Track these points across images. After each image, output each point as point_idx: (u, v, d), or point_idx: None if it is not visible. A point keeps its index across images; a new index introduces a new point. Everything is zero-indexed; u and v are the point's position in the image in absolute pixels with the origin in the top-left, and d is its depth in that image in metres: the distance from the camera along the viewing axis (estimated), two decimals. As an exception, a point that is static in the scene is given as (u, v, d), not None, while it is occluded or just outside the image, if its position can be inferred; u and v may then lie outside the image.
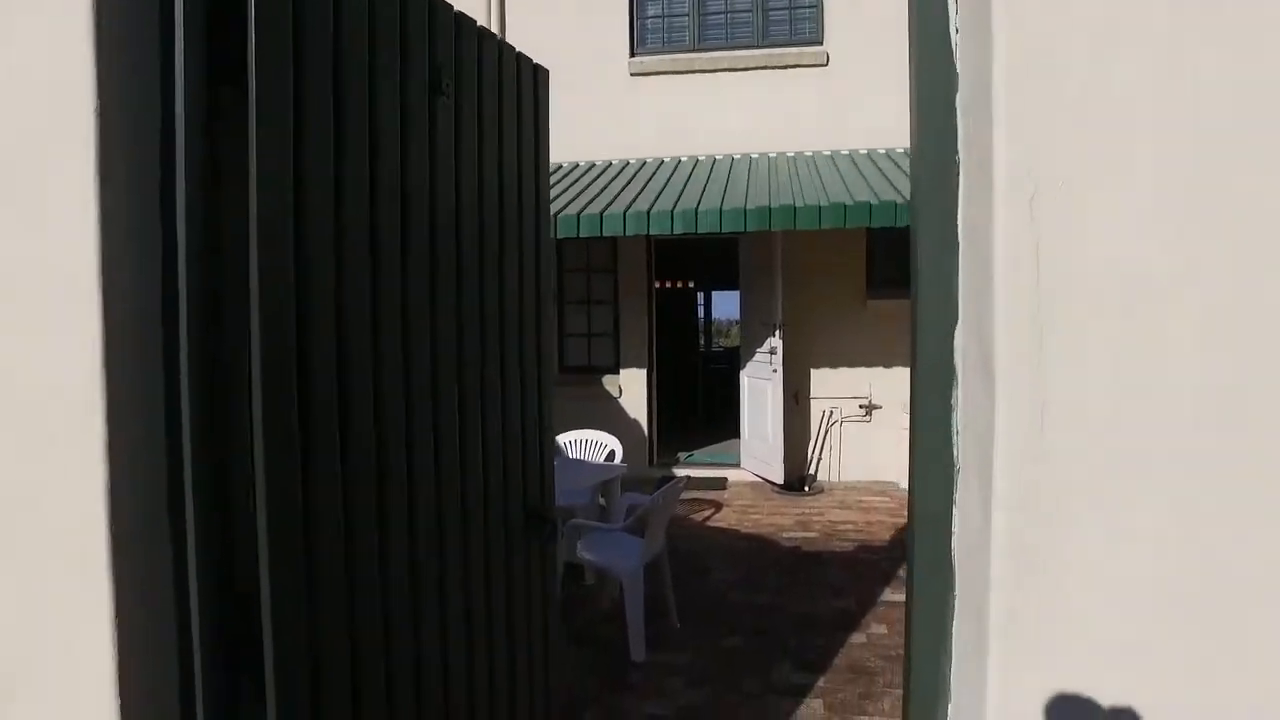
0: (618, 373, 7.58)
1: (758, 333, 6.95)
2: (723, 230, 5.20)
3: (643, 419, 7.50)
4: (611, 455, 5.02)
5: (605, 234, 5.30)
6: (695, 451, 8.14)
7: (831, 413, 7.13)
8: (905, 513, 1.11)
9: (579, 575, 4.31)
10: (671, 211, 5.26)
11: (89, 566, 1.04)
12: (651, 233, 5.27)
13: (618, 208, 5.37)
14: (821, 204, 5.12)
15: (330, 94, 1.28)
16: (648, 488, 6.72)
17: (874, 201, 5.09)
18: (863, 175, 5.77)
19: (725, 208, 5.22)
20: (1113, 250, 0.86)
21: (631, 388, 7.50)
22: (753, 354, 7.10)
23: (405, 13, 1.47)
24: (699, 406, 11.80)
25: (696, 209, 5.24)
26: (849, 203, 5.10)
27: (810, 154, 6.88)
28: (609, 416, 7.51)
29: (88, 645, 1.05)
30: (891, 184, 5.44)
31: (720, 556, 5.05)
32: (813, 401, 7.17)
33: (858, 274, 7.06)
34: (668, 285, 15.58)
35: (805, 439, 7.18)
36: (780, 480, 6.71)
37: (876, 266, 7.13)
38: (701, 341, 18.68)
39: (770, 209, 5.15)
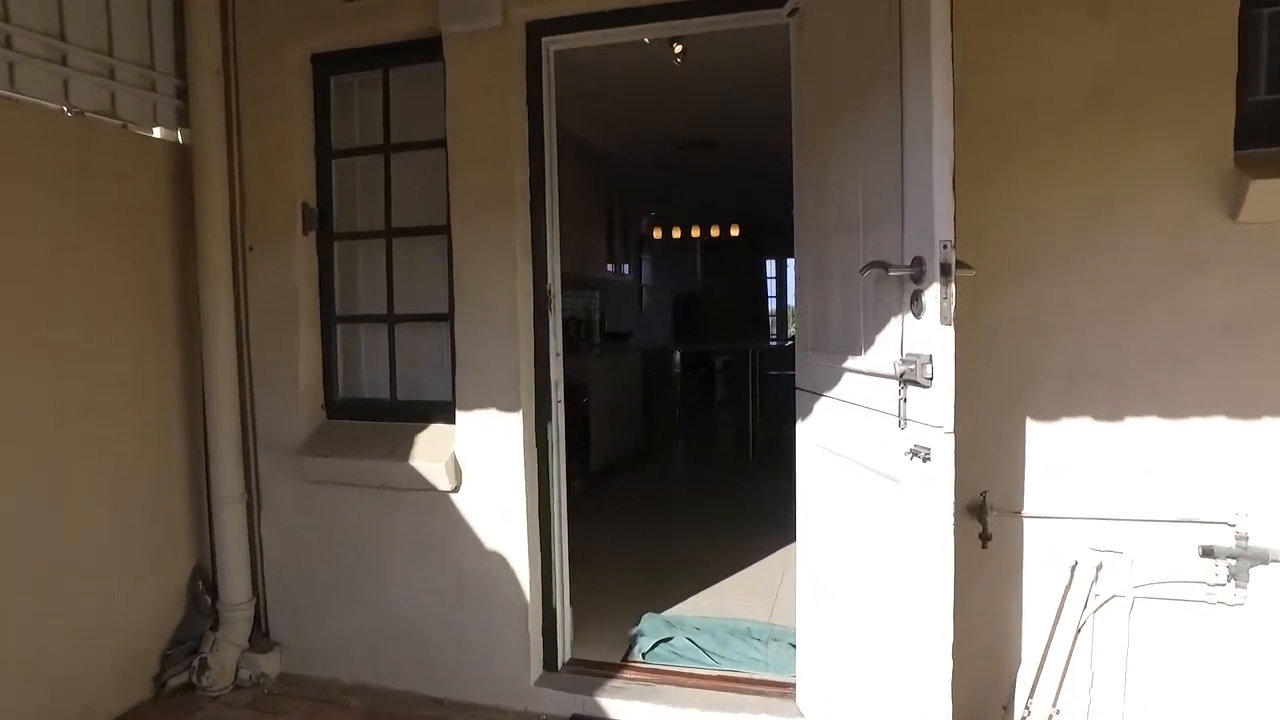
0: (452, 420, 2.78)
1: (839, 306, 2.04)
2: None
3: (516, 551, 2.69)
4: None
5: None
6: (694, 604, 3.25)
7: (1096, 573, 2.13)
8: None
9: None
10: None
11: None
12: None
13: None
14: None
15: None
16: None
17: None
18: None
19: None
20: None
21: (484, 464, 2.70)
22: (835, 373, 2.16)
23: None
24: (752, 447, 6.81)
25: None
26: None
27: None
28: (435, 542, 2.78)
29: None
30: None
31: None
32: (1027, 525, 2.19)
33: (1214, 76, 2.01)
34: (707, 234, 10.40)
35: (1005, 649, 2.22)
36: None
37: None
38: (773, 330, 13.55)
39: None
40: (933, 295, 1.57)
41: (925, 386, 1.60)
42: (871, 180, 1.86)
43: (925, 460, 1.61)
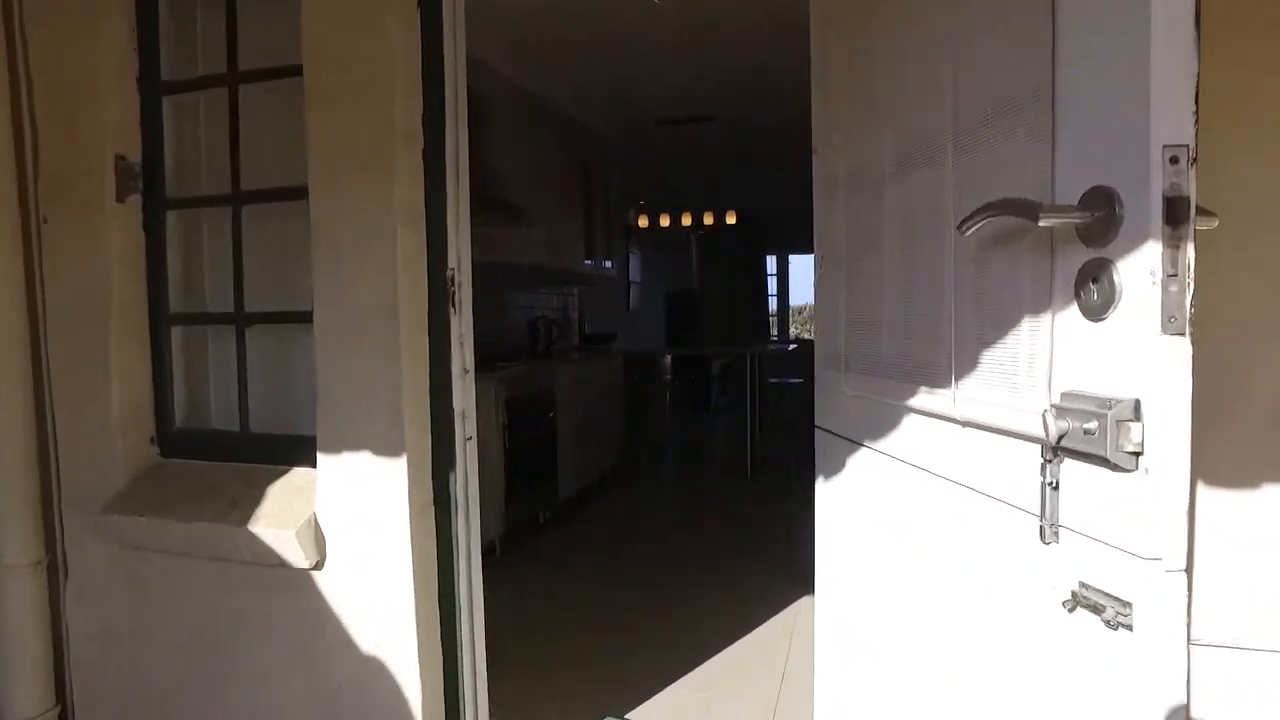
0: (313, 462, 1.92)
1: (900, 298, 1.19)
2: None
3: (402, 656, 1.83)
4: None
5: None
6: (672, 698, 2.39)
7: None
8: None
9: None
10: None
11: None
12: None
13: None
14: None
15: None
16: None
17: None
18: None
19: None
20: None
21: (356, 530, 1.84)
22: (889, 413, 1.31)
23: None
24: (750, 463, 5.91)
25: None
26: None
27: None
28: (291, 641, 1.89)
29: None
30: None
31: None
32: (1199, 658, 1.34)
33: None
34: (700, 222, 9.34)
35: None
36: None
37: None
38: (773, 330, 12.65)
39: None
40: (1138, 268, 0.71)
41: (1121, 468, 0.74)
42: (972, 64, 1.01)
43: (1115, 626, 0.75)
